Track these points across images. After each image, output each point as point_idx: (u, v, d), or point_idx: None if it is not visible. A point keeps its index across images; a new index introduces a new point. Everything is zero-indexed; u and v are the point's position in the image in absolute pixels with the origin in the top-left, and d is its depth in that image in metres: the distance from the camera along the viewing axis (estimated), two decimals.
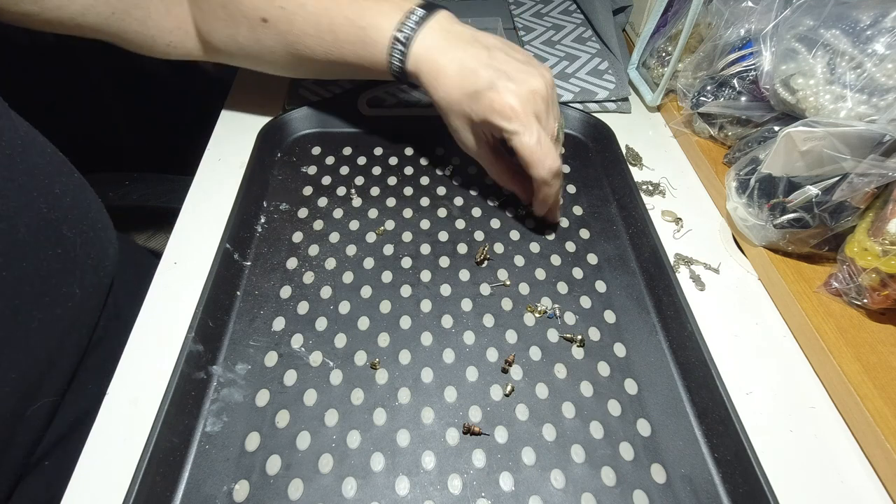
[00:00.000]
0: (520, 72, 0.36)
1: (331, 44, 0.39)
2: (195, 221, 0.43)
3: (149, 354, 0.35)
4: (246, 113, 0.52)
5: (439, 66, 0.37)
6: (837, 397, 0.34)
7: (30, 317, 0.32)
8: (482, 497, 0.29)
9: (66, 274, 0.34)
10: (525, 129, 0.35)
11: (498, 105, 0.35)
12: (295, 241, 0.42)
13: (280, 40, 0.40)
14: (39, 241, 0.32)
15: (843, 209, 0.36)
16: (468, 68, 0.36)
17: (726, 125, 0.48)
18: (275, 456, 0.31)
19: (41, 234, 0.32)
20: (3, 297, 0.30)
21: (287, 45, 0.40)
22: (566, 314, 0.38)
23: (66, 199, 0.34)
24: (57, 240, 0.33)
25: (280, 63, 0.43)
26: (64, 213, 0.34)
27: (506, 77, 0.36)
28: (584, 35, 0.65)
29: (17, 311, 0.31)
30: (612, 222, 0.44)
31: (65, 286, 0.34)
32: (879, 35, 0.36)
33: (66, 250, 0.34)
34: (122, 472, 0.29)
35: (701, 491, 0.30)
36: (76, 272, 0.35)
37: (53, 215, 0.33)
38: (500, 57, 0.37)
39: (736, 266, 0.42)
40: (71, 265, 0.35)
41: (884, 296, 0.34)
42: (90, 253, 0.36)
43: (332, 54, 0.40)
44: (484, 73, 0.36)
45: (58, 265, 0.34)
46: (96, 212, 0.38)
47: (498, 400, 0.33)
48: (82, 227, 0.36)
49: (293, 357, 0.35)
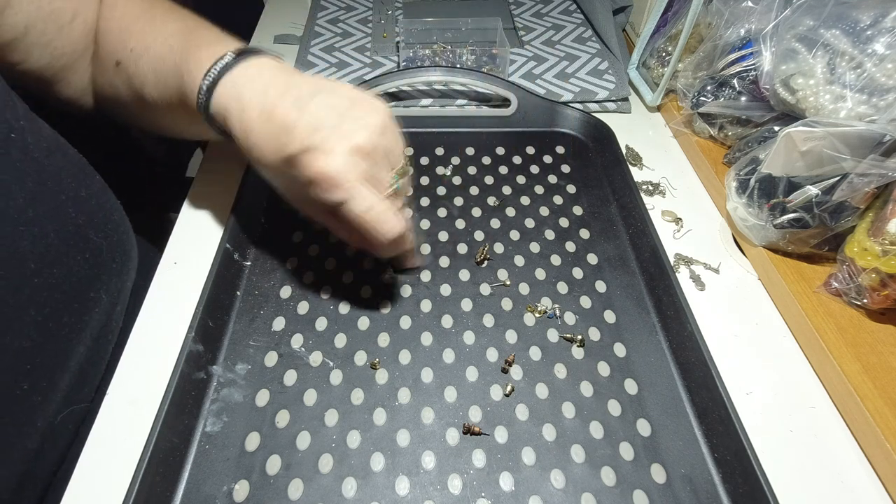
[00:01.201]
0: (341, 124, 0.30)
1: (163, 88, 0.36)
2: (195, 221, 0.43)
3: (149, 354, 0.35)
4: None
5: (247, 122, 0.32)
6: (837, 397, 0.34)
7: (60, 324, 0.31)
8: (482, 497, 0.29)
9: (94, 279, 0.34)
10: (351, 198, 0.30)
11: (315, 175, 0.30)
12: (295, 241, 0.42)
13: (128, 83, 0.38)
14: (68, 247, 0.32)
15: (843, 209, 0.36)
16: (279, 125, 0.31)
17: (726, 125, 0.48)
18: (275, 456, 0.30)
19: (70, 240, 0.32)
20: (34, 305, 0.29)
21: (133, 89, 0.38)
22: (566, 314, 0.38)
23: (91, 202, 0.34)
24: (85, 245, 0.33)
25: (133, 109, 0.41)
26: (90, 218, 0.34)
27: (321, 136, 0.30)
28: (584, 35, 0.65)
29: (48, 318, 0.30)
30: (612, 222, 0.44)
31: (92, 291, 0.34)
32: (879, 35, 0.36)
33: (93, 255, 0.34)
34: (122, 472, 0.29)
35: (701, 491, 0.30)
36: (103, 277, 0.35)
37: (81, 220, 0.33)
38: (315, 106, 0.31)
39: (736, 266, 0.42)
40: (98, 270, 0.34)
41: (884, 296, 0.34)
42: (115, 258, 0.36)
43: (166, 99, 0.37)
44: (297, 133, 0.30)
45: (86, 271, 0.33)
46: (118, 215, 0.37)
47: (498, 400, 0.33)
48: (107, 230, 0.35)
49: (293, 357, 0.35)
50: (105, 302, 0.35)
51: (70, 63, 0.39)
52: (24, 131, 0.29)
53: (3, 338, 0.28)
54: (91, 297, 0.34)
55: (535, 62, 0.60)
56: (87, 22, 0.38)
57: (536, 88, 0.56)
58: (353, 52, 0.62)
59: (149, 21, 0.38)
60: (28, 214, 0.29)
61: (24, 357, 0.29)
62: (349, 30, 0.66)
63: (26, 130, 0.29)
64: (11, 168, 0.28)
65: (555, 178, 0.48)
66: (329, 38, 0.64)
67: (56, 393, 0.32)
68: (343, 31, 0.65)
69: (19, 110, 0.29)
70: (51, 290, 0.30)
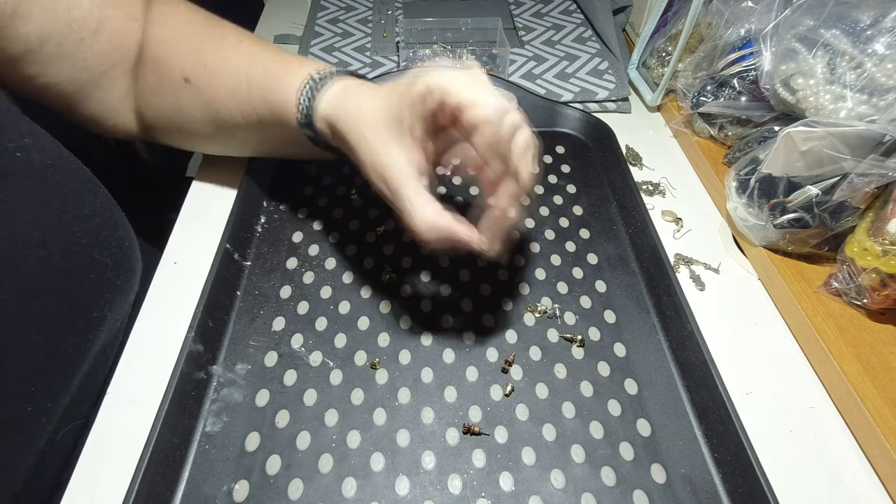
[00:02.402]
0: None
1: (244, 94, 0.37)
2: (195, 221, 0.43)
3: (149, 354, 0.35)
4: None
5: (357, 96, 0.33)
6: (837, 397, 0.34)
7: (63, 344, 0.31)
8: (482, 497, 0.29)
9: (98, 299, 0.33)
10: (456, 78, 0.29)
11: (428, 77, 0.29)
12: (295, 241, 0.42)
13: (199, 101, 0.38)
14: (73, 267, 0.31)
15: (843, 209, 0.36)
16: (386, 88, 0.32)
17: (726, 125, 0.48)
18: (275, 456, 0.30)
19: (75, 260, 0.31)
20: (37, 326, 0.29)
21: (204, 106, 0.38)
22: (566, 314, 0.38)
23: (95, 219, 0.33)
24: (90, 264, 0.32)
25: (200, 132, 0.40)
26: (95, 237, 0.33)
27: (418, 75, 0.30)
28: (584, 35, 0.65)
29: (50, 339, 0.30)
30: (612, 222, 0.44)
31: (96, 311, 0.33)
32: (879, 35, 0.36)
33: (98, 275, 0.33)
34: (122, 472, 0.29)
35: (701, 491, 0.30)
36: (106, 295, 0.34)
37: (85, 240, 0.32)
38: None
39: (736, 266, 0.42)
40: (102, 289, 0.34)
41: (884, 296, 0.34)
42: (120, 274, 0.35)
43: (244, 108, 0.37)
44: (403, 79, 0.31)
45: (91, 290, 0.33)
46: (123, 229, 0.36)
47: (498, 400, 0.33)
48: (112, 248, 0.34)
49: (293, 357, 0.35)
50: (110, 320, 0.35)
51: (95, 77, 0.37)
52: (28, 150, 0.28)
53: (7, 360, 0.27)
54: (96, 317, 0.33)
55: (535, 62, 0.60)
56: (114, 34, 0.36)
57: (536, 88, 0.56)
58: (353, 52, 0.62)
59: (218, 38, 0.37)
60: (33, 237, 0.28)
61: (28, 379, 0.29)
62: (349, 30, 0.66)
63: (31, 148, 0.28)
64: (16, 189, 0.27)
65: (555, 178, 0.48)
66: (329, 38, 0.64)
67: (58, 412, 0.32)
68: (343, 31, 0.65)
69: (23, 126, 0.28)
70: (55, 311, 0.30)
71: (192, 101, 0.38)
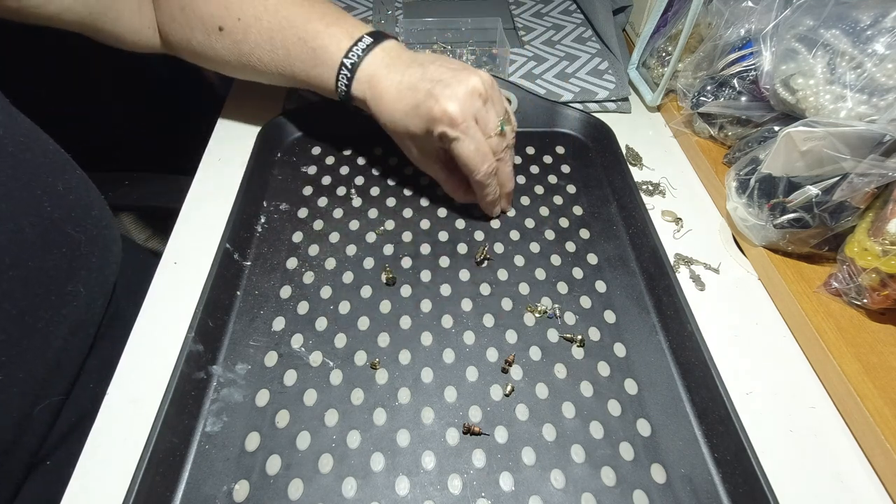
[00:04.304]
0: (454, 77, 0.37)
1: (282, 59, 0.41)
2: (195, 221, 0.43)
3: (149, 354, 0.35)
4: (246, 113, 0.52)
5: (381, 90, 0.40)
6: (837, 397, 0.34)
7: (36, 317, 0.32)
8: (482, 497, 0.29)
9: (72, 273, 0.34)
10: (464, 136, 0.36)
11: (437, 112, 0.36)
12: (295, 241, 0.42)
13: (233, 49, 0.42)
14: (45, 242, 0.32)
15: (843, 209, 0.36)
16: (406, 87, 0.38)
17: (726, 125, 0.48)
18: (275, 456, 0.31)
19: (46, 234, 0.32)
20: (9, 298, 0.30)
21: (240, 55, 0.42)
22: (566, 314, 0.38)
23: (69, 196, 0.34)
24: (62, 239, 0.33)
25: (231, 68, 0.45)
26: (68, 212, 0.34)
27: (442, 84, 0.37)
28: (584, 35, 0.65)
29: (24, 311, 0.31)
30: (612, 222, 0.44)
31: (70, 285, 0.34)
32: (879, 35, 0.36)
33: (71, 249, 0.34)
34: (122, 472, 0.29)
35: (701, 491, 0.30)
36: (81, 272, 0.35)
37: (57, 214, 0.33)
38: (434, 69, 0.38)
39: (736, 266, 0.42)
40: (76, 264, 0.35)
41: (884, 296, 0.34)
42: (94, 252, 0.36)
43: (283, 69, 0.42)
44: (421, 87, 0.37)
45: (63, 265, 0.34)
46: (99, 209, 0.38)
47: (498, 400, 0.33)
48: (86, 225, 0.36)
49: (293, 357, 0.35)
50: (84, 295, 0.36)
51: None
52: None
53: None
54: (69, 291, 0.34)
55: (535, 62, 0.60)
56: None
57: (536, 88, 0.56)
58: None
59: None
60: (1, 209, 0.29)
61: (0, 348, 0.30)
62: None
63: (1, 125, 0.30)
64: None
65: (555, 178, 0.48)
66: None
67: (32, 385, 0.32)
68: None
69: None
70: (27, 283, 0.31)
71: (225, 47, 0.41)
